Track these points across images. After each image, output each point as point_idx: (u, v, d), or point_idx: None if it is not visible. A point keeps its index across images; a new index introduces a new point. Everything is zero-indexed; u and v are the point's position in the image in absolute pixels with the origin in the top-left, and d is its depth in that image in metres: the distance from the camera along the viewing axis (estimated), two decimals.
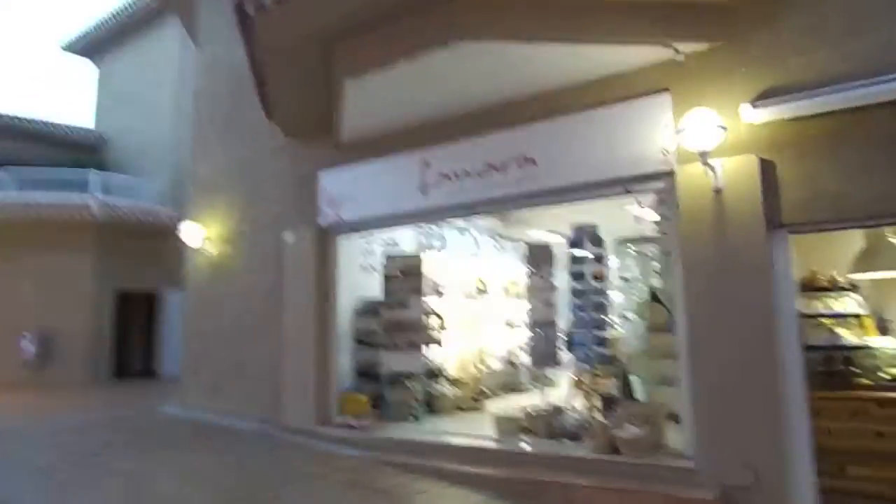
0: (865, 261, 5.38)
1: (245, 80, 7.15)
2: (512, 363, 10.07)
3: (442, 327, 8.29)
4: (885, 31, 4.35)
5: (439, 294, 8.48)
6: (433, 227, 8.56)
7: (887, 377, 4.97)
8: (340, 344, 7.34)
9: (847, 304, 5.22)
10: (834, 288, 5.45)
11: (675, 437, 5.23)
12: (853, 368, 5.01)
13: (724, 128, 4.47)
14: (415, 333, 7.23)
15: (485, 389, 8.66)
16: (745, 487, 4.40)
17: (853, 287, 5.50)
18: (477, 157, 6.09)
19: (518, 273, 10.77)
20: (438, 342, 8.12)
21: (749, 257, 4.58)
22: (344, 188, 7.16)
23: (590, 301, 5.73)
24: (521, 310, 10.55)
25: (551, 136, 5.65)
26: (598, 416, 5.63)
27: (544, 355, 6.41)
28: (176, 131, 14.95)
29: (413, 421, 6.94)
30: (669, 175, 5.05)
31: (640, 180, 5.25)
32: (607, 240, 6.77)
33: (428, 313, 7.55)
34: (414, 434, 6.46)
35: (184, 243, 9.02)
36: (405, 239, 8.21)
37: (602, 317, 5.73)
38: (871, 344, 5.10)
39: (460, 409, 7.89)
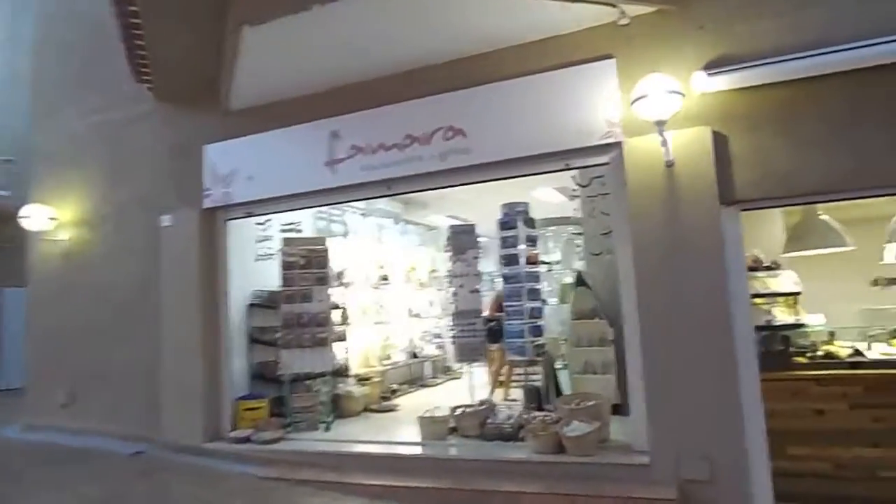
0: (798, 239, 5.37)
1: (105, 26, 5.88)
2: (415, 355, 9.48)
3: (345, 320, 7.51)
4: (833, 4, 4.21)
5: (343, 284, 7.69)
6: (335, 210, 7.78)
7: (821, 354, 4.96)
8: (233, 343, 6.31)
9: (783, 282, 5.15)
10: (762, 267, 5.38)
11: (618, 431, 4.91)
12: (791, 348, 4.95)
13: (681, 94, 4.12)
14: (320, 329, 6.37)
15: (394, 386, 7.99)
16: (702, 482, 4.13)
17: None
18: (396, 127, 5.36)
19: (420, 259, 10.23)
20: (343, 337, 7.35)
21: (702, 236, 4.29)
22: (235, 163, 6.12)
23: (523, 288, 5.24)
24: (424, 298, 10.04)
25: (483, 105, 5.06)
26: (538, 413, 5.17)
27: (470, 348, 5.85)
28: (10, 95, 12.55)
29: (322, 429, 6.11)
30: (615, 148, 4.67)
31: (583, 154, 4.82)
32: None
33: (334, 306, 6.74)
34: (325, 444, 5.64)
35: (27, 231, 7.37)
36: (303, 225, 7.30)
37: (538, 305, 5.27)
38: (805, 322, 5.08)
39: (371, 410, 7.18)
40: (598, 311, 6.21)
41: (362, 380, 7.40)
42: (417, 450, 5.22)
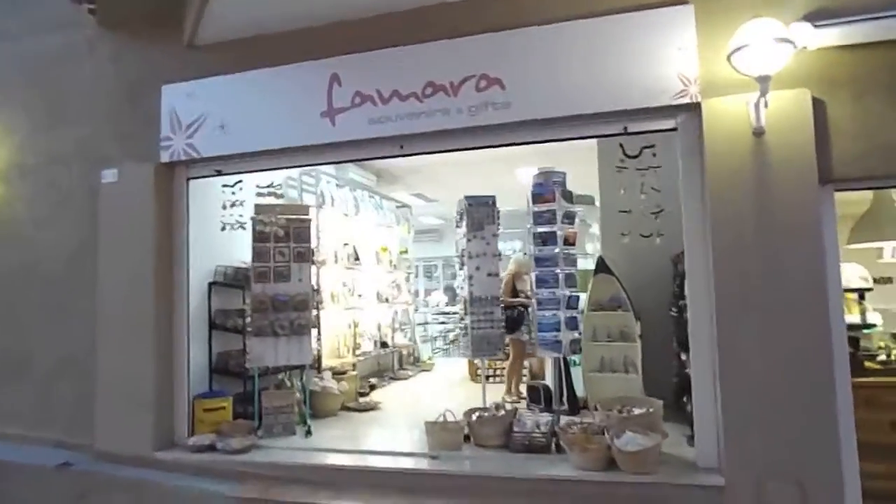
0: (869, 229, 4.84)
1: None
2: (385, 345, 8.56)
3: (318, 304, 6.50)
4: None
5: (316, 263, 6.65)
6: (307, 177, 6.73)
7: (888, 359, 4.46)
8: (191, 329, 5.17)
9: (849, 277, 4.60)
10: None
11: (673, 444, 4.23)
12: (860, 351, 4.42)
13: (792, 43, 3.40)
14: (298, 314, 5.35)
15: (372, 381, 7.06)
16: None
17: None
18: (414, 72, 4.41)
19: (391, 239, 9.26)
20: (315, 324, 6.33)
21: (797, 219, 3.62)
22: (203, 109, 4.94)
23: (560, 273, 4.45)
24: (391, 281, 9.09)
25: (525, 51, 4.20)
26: (575, 420, 4.40)
27: (487, 341, 5.01)
28: None
29: (302, 433, 5.11)
30: (687, 110, 3.94)
31: (646, 116, 4.06)
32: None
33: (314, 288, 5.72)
34: (309, 455, 4.66)
35: None
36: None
37: (575, 293, 4.50)
38: (870, 322, 4.57)
39: (348, 408, 6.21)
40: (622, 302, 5.53)
41: (338, 374, 6.41)
42: (428, 463, 4.34)
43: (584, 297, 5.55)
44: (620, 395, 5.29)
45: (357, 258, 7.81)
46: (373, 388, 6.66)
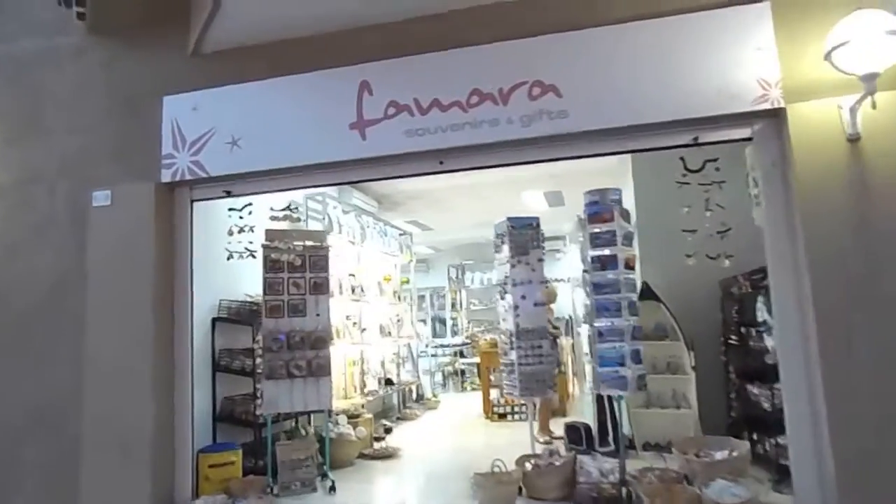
0: None
1: None
2: (390, 382, 7.95)
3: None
4: None
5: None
6: (313, 202, 6.19)
7: None
8: (194, 373, 4.52)
9: None
10: None
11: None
12: None
13: None
14: (317, 352, 4.75)
15: (387, 424, 6.42)
16: None
17: None
18: (457, 79, 3.96)
19: (392, 267, 8.71)
20: None
21: None
22: (211, 123, 4.38)
23: (622, 300, 3.98)
24: (393, 314, 8.51)
25: (585, 54, 3.80)
26: (650, 468, 3.89)
27: (536, 379, 4.48)
28: None
29: (325, 489, 4.47)
30: (769, 116, 3.58)
31: (719, 123, 3.69)
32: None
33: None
34: None
35: None
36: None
37: (635, 322, 4.03)
38: None
39: (364, 456, 5.57)
40: (669, 330, 5.09)
41: (352, 417, 5.78)
42: None
43: None
44: (672, 433, 4.87)
45: (362, 289, 7.25)
46: (388, 431, 6.04)
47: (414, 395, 8.83)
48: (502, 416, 7.32)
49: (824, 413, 3.24)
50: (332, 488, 4.45)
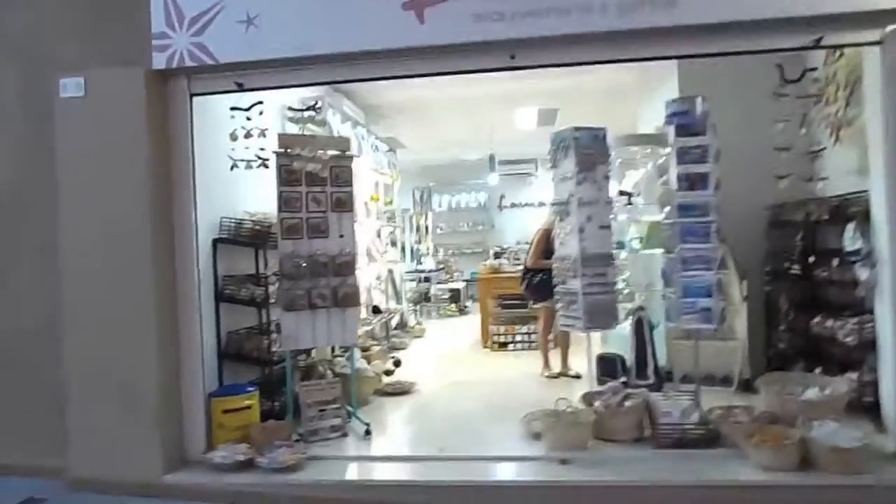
0: None
1: None
2: (377, 310, 7.38)
3: None
4: None
5: None
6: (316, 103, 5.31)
7: None
8: (200, 305, 3.78)
9: None
10: None
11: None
12: None
13: None
14: (343, 279, 4.11)
15: (395, 356, 5.92)
16: None
17: None
18: None
19: (381, 186, 7.95)
20: None
21: None
22: None
23: (711, 224, 3.53)
24: (383, 235, 7.85)
25: None
26: (735, 406, 3.59)
27: (600, 309, 4.03)
28: None
29: (361, 434, 3.95)
30: None
31: (847, 24, 3.17)
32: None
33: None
34: (388, 467, 3.56)
35: None
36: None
37: (720, 252, 3.62)
38: None
39: (380, 392, 5.08)
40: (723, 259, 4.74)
41: (364, 350, 5.22)
42: (556, 470, 3.34)
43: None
44: (714, 366, 4.64)
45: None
46: (397, 364, 5.53)
47: (395, 324, 8.33)
48: (503, 346, 6.98)
49: None
50: (368, 432, 3.93)
